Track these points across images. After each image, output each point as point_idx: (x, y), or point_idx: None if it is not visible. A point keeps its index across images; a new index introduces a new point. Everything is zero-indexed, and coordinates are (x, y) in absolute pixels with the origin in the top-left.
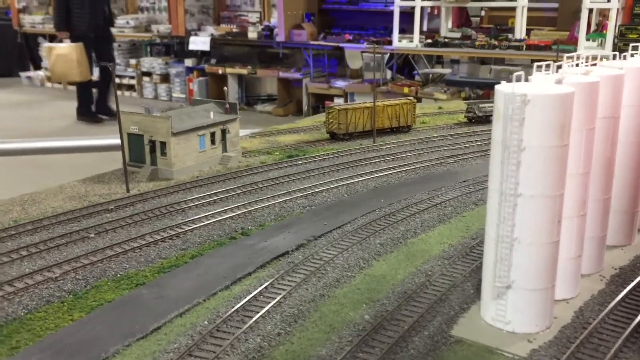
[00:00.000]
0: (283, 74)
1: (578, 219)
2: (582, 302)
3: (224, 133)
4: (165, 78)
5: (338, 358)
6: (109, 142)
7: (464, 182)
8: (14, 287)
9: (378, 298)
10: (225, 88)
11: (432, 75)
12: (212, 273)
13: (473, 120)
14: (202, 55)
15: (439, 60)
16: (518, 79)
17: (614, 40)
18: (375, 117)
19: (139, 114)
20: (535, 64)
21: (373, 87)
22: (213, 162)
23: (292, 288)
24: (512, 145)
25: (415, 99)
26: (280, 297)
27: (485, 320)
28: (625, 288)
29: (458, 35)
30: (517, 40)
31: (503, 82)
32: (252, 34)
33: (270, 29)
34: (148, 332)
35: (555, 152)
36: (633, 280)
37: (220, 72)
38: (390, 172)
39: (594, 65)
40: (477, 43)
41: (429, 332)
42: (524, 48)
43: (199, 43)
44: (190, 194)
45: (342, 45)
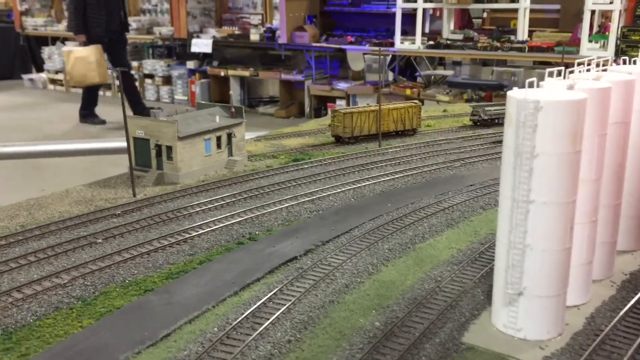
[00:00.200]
0: (285, 76)
1: (589, 225)
2: (593, 308)
3: (230, 137)
4: (167, 80)
5: None
6: (114, 145)
7: (471, 186)
8: (23, 293)
9: (388, 304)
10: (231, 92)
11: (434, 77)
12: (220, 279)
13: (478, 123)
14: (204, 58)
15: (441, 62)
16: (530, 85)
17: (617, 42)
18: (381, 120)
19: (145, 118)
20: (547, 70)
21: (379, 90)
22: (219, 166)
23: (301, 294)
24: (524, 152)
25: (420, 102)
26: (290, 303)
27: (497, 327)
28: (637, 294)
29: (460, 37)
30: (519, 42)
31: (507, 83)
32: (254, 36)
33: (272, 31)
34: (158, 339)
35: (569, 158)
36: None
37: (222, 74)
38: (397, 175)
39: (605, 71)
40: (479, 45)
41: (440, 339)
42: (526, 50)
43: (201, 45)
44: (197, 199)
45: (344, 47)
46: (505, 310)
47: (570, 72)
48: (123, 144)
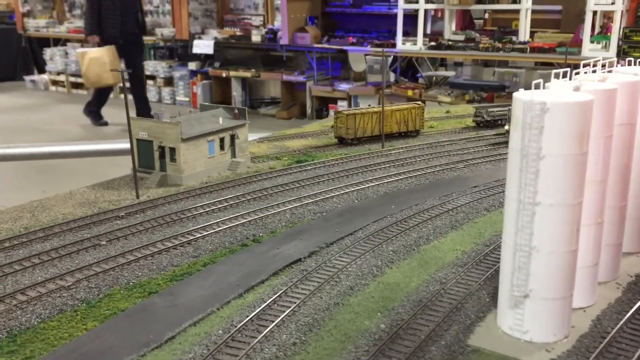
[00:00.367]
0: (286, 77)
1: (595, 227)
2: (599, 310)
3: (233, 138)
4: (169, 81)
5: None
6: (117, 146)
7: (475, 187)
8: (27, 295)
9: (393, 306)
10: (234, 94)
11: (435, 78)
12: (225, 281)
13: (481, 125)
14: (205, 59)
15: (443, 63)
16: (536, 86)
17: (619, 43)
18: (384, 121)
19: (149, 120)
20: (553, 71)
21: (381, 91)
22: (222, 167)
23: (306, 296)
24: (530, 154)
25: (422, 102)
26: (295, 305)
27: (502, 330)
28: None
29: (462, 38)
30: (521, 43)
31: (509, 84)
32: (255, 37)
33: (274, 32)
34: (162, 341)
35: (575, 160)
36: None
37: (224, 75)
38: (400, 177)
39: (610, 72)
40: (480, 46)
41: (446, 341)
42: (528, 51)
43: (203, 46)
44: (200, 200)
45: (345, 48)
46: (511, 313)
47: (576, 73)
48: (126, 146)
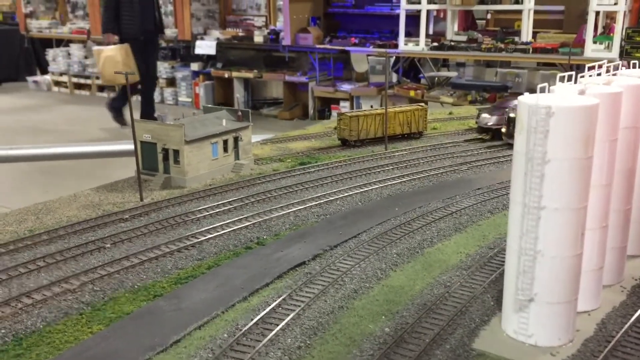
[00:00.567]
0: (289, 78)
1: (600, 231)
2: (604, 314)
3: (237, 141)
4: (172, 82)
5: None
6: (120, 148)
7: (478, 189)
8: (32, 299)
9: (397, 310)
10: (237, 95)
11: (437, 79)
12: (229, 284)
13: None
14: (208, 59)
15: (445, 64)
16: (542, 90)
17: (621, 43)
18: (387, 123)
19: (152, 122)
20: (558, 75)
21: (385, 93)
22: (225, 170)
23: (310, 300)
24: (535, 157)
25: (424, 103)
26: (300, 309)
27: (507, 333)
28: None
29: (464, 38)
30: (523, 43)
31: (511, 85)
32: (258, 38)
33: (276, 33)
34: (168, 345)
35: (580, 164)
36: None
37: (226, 76)
38: (404, 179)
39: (615, 75)
40: (483, 46)
41: (451, 345)
42: (530, 51)
43: (205, 47)
44: (204, 203)
45: (347, 49)
46: (516, 317)
47: (581, 76)
48: (129, 147)
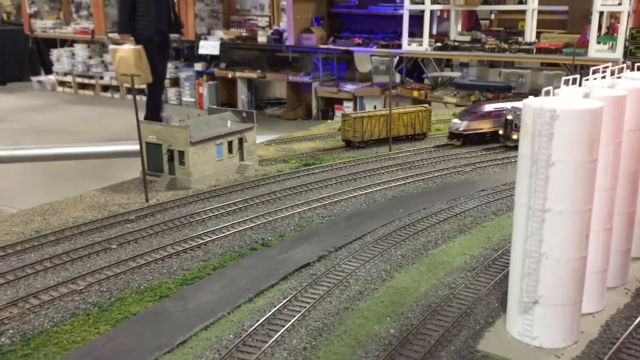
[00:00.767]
0: (292, 78)
1: (604, 233)
2: (608, 316)
3: (241, 142)
4: (175, 82)
5: None
6: (125, 148)
7: (482, 191)
8: (40, 299)
9: (402, 311)
10: (242, 97)
11: (441, 79)
12: (235, 285)
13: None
14: (211, 60)
15: (448, 64)
16: (546, 93)
17: (625, 44)
18: (391, 124)
19: (158, 123)
20: (563, 78)
21: (389, 94)
22: (230, 171)
23: (315, 301)
24: (540, 160)
25: (428, 104)
26: (305, 310)
27: (512, 335)
28: None
29: (468, 39)
30: (527, 44)
31: (515, 85)
32: (261, 38)
33: (280, 33)
34: (174, 345)
35: (585, 167)
36: None
37: (230, 76)
38: (408, 180)
39: (619, 78)
40: (486, 46)
41: (456, 346)
42: (534, 51)
43: (209, 47)
44: (209, 204)
45: (351, 49)
46: (521, 318)
47: (586, 79)
48: (134, 147)
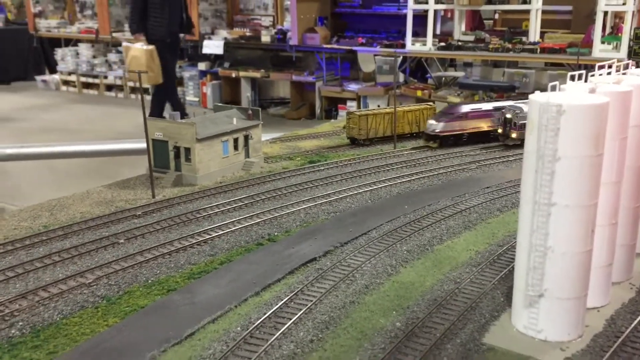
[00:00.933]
0: (296, 77)
1: (609, 228)
2: (613, 310)
3: (247, 139)
4: (179, 82)
5: None
6: (132, 146)
7: (487, 188)
8: (49, 292)
9: (408, 305)
10: (248, 95)
11: (445, 78)
12: (241, 279)
13: None
14: (215, 59)
15: (452, 63)
16: (552, 89)
17: (629, 43)
18: (396, 122)
19: (164, 120)
20: (569, 73)
21: (393, 92)
22: (236, 167)
23: (322, 295)
24: (546, 155)
25: (433, 103)
26: (311, 303)
27: (517, 329)
28: None
29: (471, 38)
30: (531, 43)
31: (518, 85)
32: (265, 38)
33: (284, 33)
34: (182, 337)
35: (590, 161)
36: None
37: (234, 75)
38: (413, 178)
39: (624, 74)
40: (490, 46)
41: (461, 339)
42: (538, 51)
43: (213, 47)
44: (216, 200)
45: (355, 49)
46: (526, 312)
47: (591, 75)
48: (140, 145)
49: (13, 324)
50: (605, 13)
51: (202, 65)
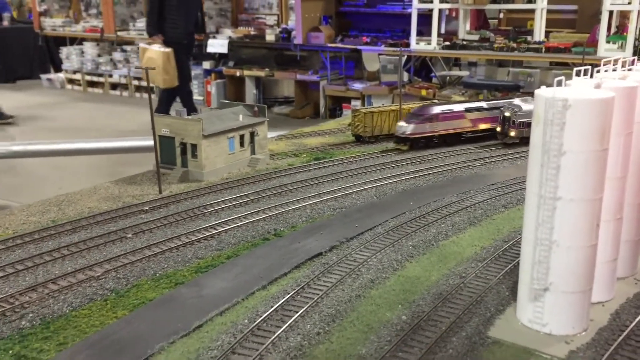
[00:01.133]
0: (300, 76)
1: (614, 223)
2: (617, 305)
3: (253, 136)
4: None
5: (378, 357)
6: (138, 143)
7: (492, 185)
8: (58, 285)
9: (413, 299)
10: (254, 92)
11: (449, 78)
12: (248, 273)
13: None
14: (219, 58)
15: (457, 63)
16: (559, 84)
17: (635, 43)
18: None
19: (171, 117)
20: (575, 69)
21: (398, 90)
22: (242, 164)
23: (328, 288)
24: (552, 150)
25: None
26: (318, 297)
27: (522, 322)
28: None
29: (476, 38)
30: (536, 43)
31: (523, 84)
32: (269, 37)
33: (288, 32)
34: (190, 330)
35: (596, 156)
36: None
37: (238, 74)
38: (418, 174)
39: (630, 70)
40: (495, 45)
41: (467, 333)
42: (543, 51)
43: (217, 46)
44: (222, 196)
45: (359, 48)
46: (531, 306)
47: (597, 71)
48: (147, 143)
49: (23, 316)
50: (611, 12)
51: (206, 64)
